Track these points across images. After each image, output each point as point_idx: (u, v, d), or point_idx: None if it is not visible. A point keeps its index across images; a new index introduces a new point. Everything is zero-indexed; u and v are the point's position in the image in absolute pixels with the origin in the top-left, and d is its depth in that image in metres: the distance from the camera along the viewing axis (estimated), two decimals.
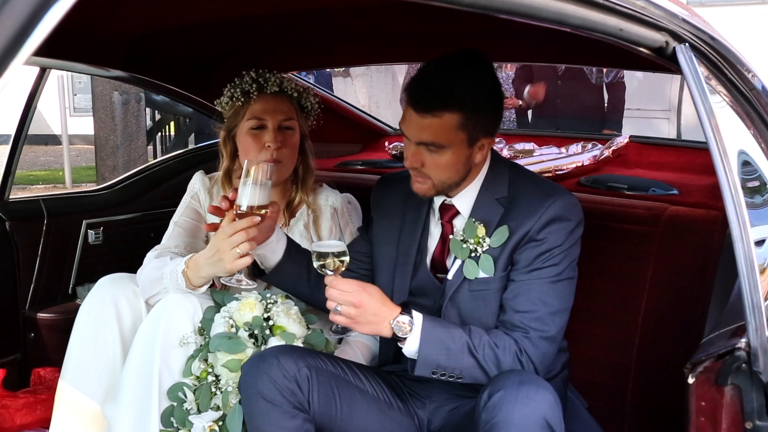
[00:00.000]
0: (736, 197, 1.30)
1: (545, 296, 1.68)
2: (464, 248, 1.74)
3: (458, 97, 1.64)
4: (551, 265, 1.69)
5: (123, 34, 2.29)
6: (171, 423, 1.79)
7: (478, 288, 1.74)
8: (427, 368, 1.65)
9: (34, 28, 0.43)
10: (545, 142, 2.84)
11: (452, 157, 1.69)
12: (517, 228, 1.71)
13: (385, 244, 1.90)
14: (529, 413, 1.46)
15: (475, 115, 1.66)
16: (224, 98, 2.10)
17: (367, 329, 1.68)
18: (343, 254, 1.69)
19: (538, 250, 1.69)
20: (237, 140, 2.10)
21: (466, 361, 1.64)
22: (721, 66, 1.49)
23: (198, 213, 2.17)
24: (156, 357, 1.80)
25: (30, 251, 2.62)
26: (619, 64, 2.36)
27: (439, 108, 1.64)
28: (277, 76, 2.09)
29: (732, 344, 1.28)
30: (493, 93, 1.72)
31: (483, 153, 1.74)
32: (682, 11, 1.33)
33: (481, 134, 1.69)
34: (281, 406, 1.63)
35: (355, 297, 1.64)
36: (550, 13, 0.95)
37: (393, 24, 2.16)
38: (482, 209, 1.76)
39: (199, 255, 1.86)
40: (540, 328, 1.66)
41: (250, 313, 1.82)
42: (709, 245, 2.00)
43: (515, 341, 1.65)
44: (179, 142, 8.40)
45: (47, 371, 2.50)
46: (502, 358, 1.64)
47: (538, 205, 1.70)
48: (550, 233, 1.69)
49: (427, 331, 1.64)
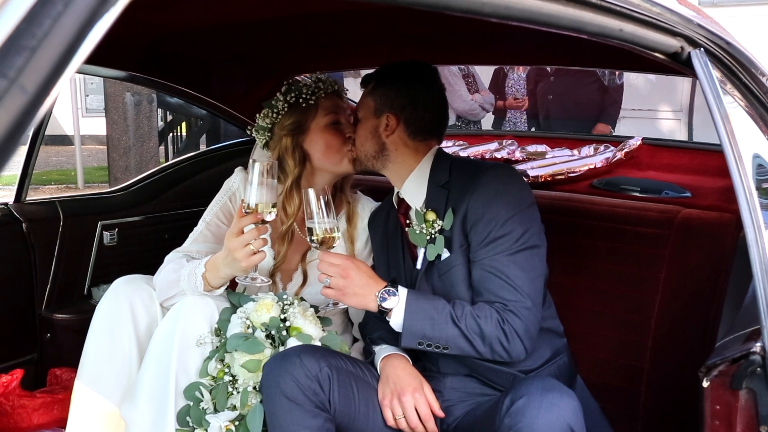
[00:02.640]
0: (750, 201, 1.31)
1: (507, 269, 1.72)
2: (420, 234, 1.84)
3: (379, 71, 1.98)
4: (502, 235, 1.73)
5: (137, 37, 2.31)
6: (187, 422, 1.81)
7: (445, 269, 1.81)
8: (413, 338, 1.72)
9: (83, 41, 0.46)
10: (557, 144, 2.84)
11: (363, 124, 1.94)
12: (458, 205, 1.79)
13: (379, 260, 2.05)
14: (554, 420, 1.47)
15: (382, 84, 1.93)
16: (279, 104, 2.11)
17: (355, 301, 1.77)
18: (335, 230, 1.80)
19: (482, 223, 1.75)
20: (308, 142, 2.10)
21: (450, 330, 1.70)
22: (736, 70, 1.49)
23: (231, 215, 2.13)
24: (173, 358, 1.82)
25: (46, 252, 2.65)
26: (632, 67, 2.36)
27: (366, 79, 1.97)
28: (329, 77, 2.17)
29: (747, 348, 1.28)
30: (409, 76, 1.93)
31: (390, 133, 1.89)
32: (697, 16, 1.34)
33: (386, 107, 1.89)
34: (303, 405, 1.66)
35: (343, 269, 1.75)
36: (568, 21, 0.96)
37: (407, 26, 2.16)
38: (431, 198, 1.87)
39: (216, 256, 1.89)
40: (515, 299, 1.70)
41: (267, 314, 1.84)
42: (722, 248, 2.00)
43: (497, 311, 1.70)
44: (191, 143, 8.44)
45: (63, 371, 2.53)
46: (485, 327, 1.68)
47: (470, 180, 1.80)
48: (488, 204, 1.75)
49: (411, 302, 1.73)
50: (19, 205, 2.62)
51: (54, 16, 0.44)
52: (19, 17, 0.43)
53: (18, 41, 0.43)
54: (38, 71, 0.44)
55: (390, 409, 1.75)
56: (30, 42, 0.44)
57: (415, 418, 1.74)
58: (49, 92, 0.45)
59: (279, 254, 2.11)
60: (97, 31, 0.48)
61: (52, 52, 0.45)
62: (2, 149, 0.42)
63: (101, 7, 0.47)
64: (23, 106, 0.43)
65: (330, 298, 1.81)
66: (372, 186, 2.37)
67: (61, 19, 0.45)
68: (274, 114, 2.12)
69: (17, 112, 0.43)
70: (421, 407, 1.75)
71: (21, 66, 0.43)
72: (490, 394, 1.80)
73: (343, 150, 2.08)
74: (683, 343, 2.00)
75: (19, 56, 0.43)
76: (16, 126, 0.43)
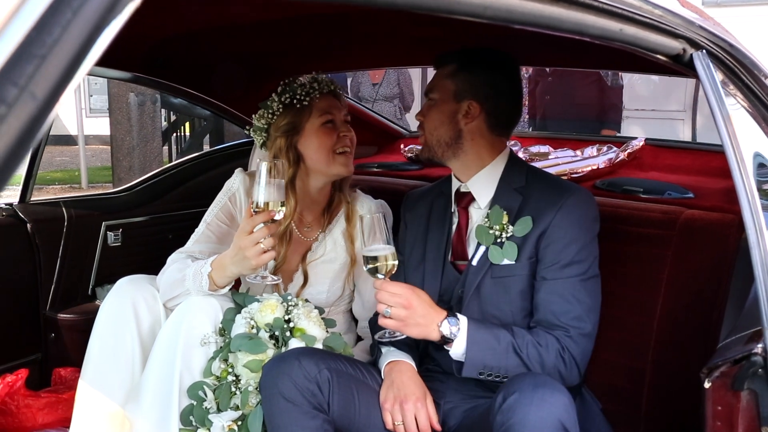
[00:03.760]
0: (752, 203, 1.31)
1: (578, 294, 1.72)
2: (490, 234, 1.80)
3: (464, 52, 1.88)
4: (578, 261, 1.73)
5: (141, 39, 2.32)
6: (190, 422, 1.82)
7: (501, 275, 1.78)
8: (474, 369, 1.69)
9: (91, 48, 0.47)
10: (560, 144, 2.84)
11: (439, 106, 1.86)
12: (539, 218, 1.76)
13: (414, 247, 1.96)
14: (545, 416, 1.48)
15: (465, 68, 1.85)
16: (275, 104, 2.11)
17: (416, 332, 1.71)
18: (392, 257, 1.73)
19: (561, 244, 1.73)
20: (302, 143, 2.11)
21: (511, 360, 1.68)
22: (738, 72, 1.49)
23: (232, 216, 2.16)
24: (177, 358, 1.83)
25: (51, 252, 2.66)
26: (634, 68, 2.36)
27: (444, 59, 1.89)
28: (326, 77, 2.16)
29: (748, 349, 1.29)
30: (496, 64, 1.87)
31: (470, 120, 1.84)
32: (699, 18, 1.34)
33: (468, 93, 1.83)
34: (301, 407, 1.66)
35: (405, 299, 1.68)
36: (570, 24, 0.97)
37: (409, 28, 2.17)
38: (502, 197, 1.83)
39: (223, 255, 1.90)
40: (578, 326, 1.71)
41: (271, 314, 1.85)
42: (725, 249, 2.00)
43: (557, 339, 1.69)
44: (194, 143, 8.46)
45: (68, 371, 2.53)
46: (545, 356, 1.68)
47: (556, 197, 1.76)
48: (571, 227, 1.74)
49: (473, 332, 1.69)
50: (23, 205, 2.63)
51: (63, 24, 0.45)
52: (30, 25, 0.44)
53: (28, 49, 0.44)
54: (48, 78, 0.45)
55: (390, 414, 1.75)
56: (40, 50, 0.44)
57: (413, 426, 1.74)
58: (58, 98, 0.46)
59: (279, 255, 2.11)
60: (104, 38, 0.49)
61: (62, 59, 0.46)
62: (14, 154, 0.43)
63: (109, 14, 0.48)
64: (33, 112, 0.44)
65: (389, 329, 1.74)
66: (371, 186, 2.38)
67: (70, 26, 0.46)
68: (270, 114, 2.13)
69: (27, 118, 0.44)
70: (420, 418, 1.74)
71: (31, 74, 0.44)
72: (491, 396, 1.81)
73: (335, 150, 2.08)
74: (686, 344, 2.00)
75: (29, 64, 0.44)
76: (26, 132, 0.43)
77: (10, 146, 0.44)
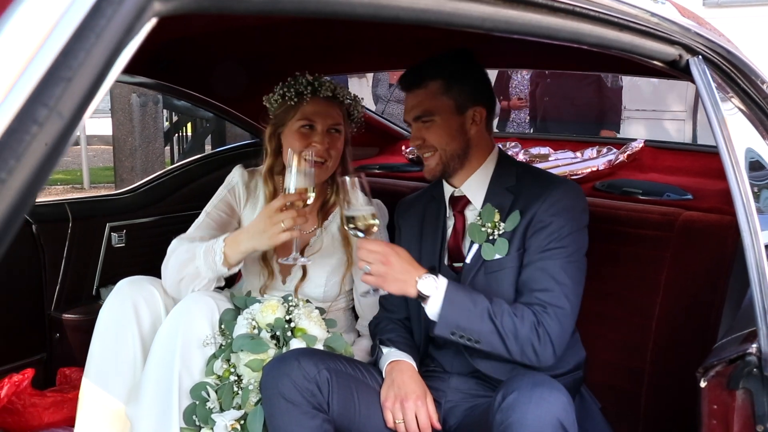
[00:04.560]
0: (747, 206, 1.33)
1: (557, 275, 1.75)
2: (482, 232, 1.84)
3: (437, 65, 1.86)
4: (560, 246, 1.76)
5: (145, 43, 2.33)
6: (193, 421, 1.84)
7: (493, 269, 1.82)
8: (446, 328, 1.71)
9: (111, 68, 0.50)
10: (560, 146, 2.86)
11: (444, 124, 1.85)
12: (526, 211, 1.80)
13: (410, 249, 1.95)
14: (543, 414, 1.50)
15: (456, 80, 1.84)
16: (275, 95, 2.16)
17: (395, 287, 1.75)
18: (371, 216, 1.78)
19: (546, 231, 1.77)
20: (283, 138, 2.16)
21: (485, 325, 1.70)
22: (735, 76, 1.51)
23: (231, 207, 2.23)
24: (176, 358, 1.85)
25: (55, 253, 2.68)
26: (632, 71, 2.38)
27: (421, 78, 1.86)
28: (331, 82, 2.17)
29: (743, 349, 1.31)
30: (471, 63, 1.88)
31: (478, 125, 1.86)
32: (696, 25, 1.36)
33: (469, 102, 1.84)
34: (301, 407, 1.68)
35: (383, 256, 1.73)
36: (567, 34, 0.99)
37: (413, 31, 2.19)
38: (494, 197, 1.87)
39: (239, 231, 1.95)
40: (556, 304, 1.73)
41: (272, 314, 1.87)
42: (723, 250, 2.02)
43: (533, 313, 1.72)
44: (196, 144, 8.48)
45: (73, 371, 2.56)
46: (520, 327, 1.70)
47: (543, 190, 1.81)
48: (556, 215, 1.77)
49: (450, 292, 1.72)
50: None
51: (87, 49, 0.48)
52: (57, 51, 0.47)
53: (56, 73, 0.47)
54: (73, 98, 0.48)
55: (391, 412, 1.78)
56: (67, 73, 0.48)
57: (413, 424, 1.76)
58: (82, 116, 0.49)
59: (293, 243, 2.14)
60: (123, 58, 0.52)
61: (85, 80, 0.49)
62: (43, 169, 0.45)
63: (127, 36, 0.50)
64: (61, 130, 0.47)
65: (370, 285, 1.78)
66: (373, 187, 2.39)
67: (93, 50, 0.48)
68: (273, 100, 2.18)
69: (56, 135, 0.47)
70: (421, 416, 1.77)
71: (59, 95, 0.47)
72: (492, 395, 1.83)
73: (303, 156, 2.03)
74: (684, 344, 2.02)
75: (57, 87, 0.47)
76: (55, 148, 0.47)
77: (41, 161, 0.47)
